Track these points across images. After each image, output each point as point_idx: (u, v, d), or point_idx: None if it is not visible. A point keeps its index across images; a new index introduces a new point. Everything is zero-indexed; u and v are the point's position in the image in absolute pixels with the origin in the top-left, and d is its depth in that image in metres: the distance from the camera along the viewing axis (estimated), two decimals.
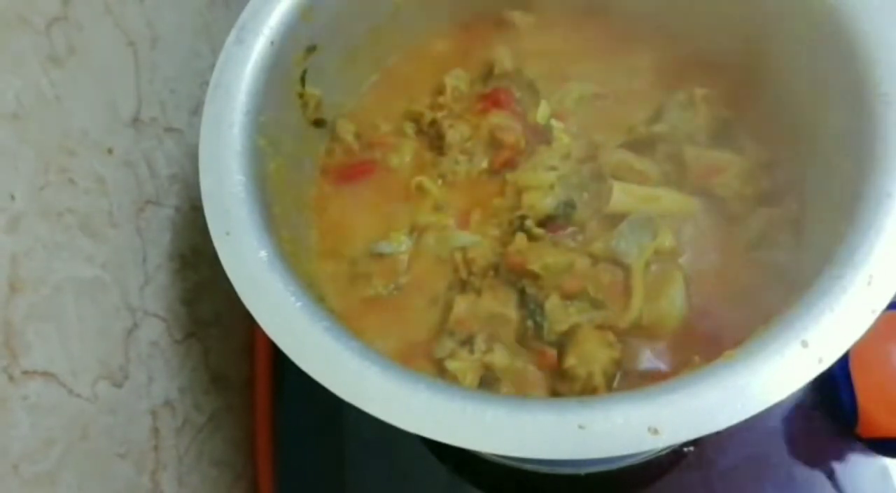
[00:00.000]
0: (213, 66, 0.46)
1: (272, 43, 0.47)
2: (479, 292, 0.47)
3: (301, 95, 0.51)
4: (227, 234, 0.41)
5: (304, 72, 0.51)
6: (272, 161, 0.47)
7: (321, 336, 0.38)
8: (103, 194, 0.44)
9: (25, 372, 0.35)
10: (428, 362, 0.46)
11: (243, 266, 0.40)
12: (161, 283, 0.50)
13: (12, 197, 0.36)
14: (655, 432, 0.33)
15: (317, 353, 0.37)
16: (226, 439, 0.57)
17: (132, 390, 0.45)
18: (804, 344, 0.35)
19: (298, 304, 0.39)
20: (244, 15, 0.47)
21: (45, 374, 0.37)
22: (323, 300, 0.41)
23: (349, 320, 0.41)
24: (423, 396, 0.35)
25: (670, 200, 0.48)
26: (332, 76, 0.54)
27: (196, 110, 0.46)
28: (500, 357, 0.45)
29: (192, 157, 0.44)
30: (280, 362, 0.61)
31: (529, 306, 0.46)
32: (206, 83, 0.46)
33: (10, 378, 0.34)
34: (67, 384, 0.39)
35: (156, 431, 0.47)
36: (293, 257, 0.43)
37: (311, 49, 0.51)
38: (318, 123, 0.54)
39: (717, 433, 0.33)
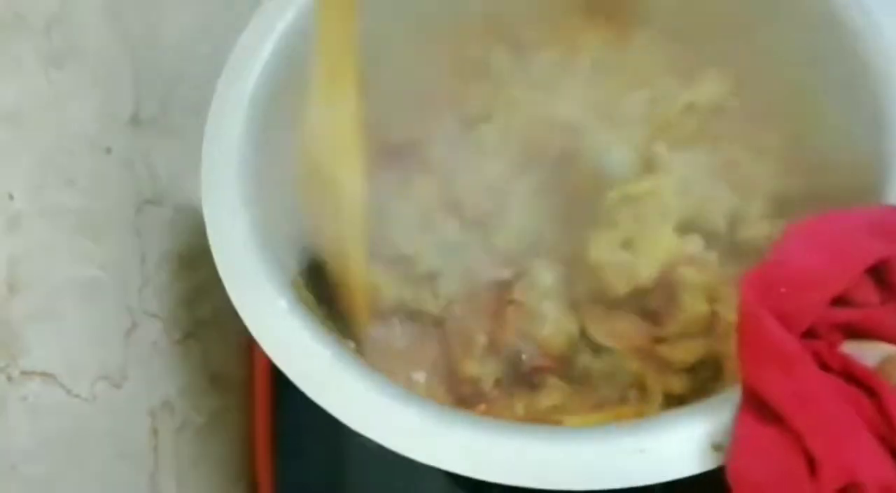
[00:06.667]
0: (213, 66, 0.46)
1: (279, 50, 0.47)
2: (538, 388, 0.45)
3: None
4: (229, 244, 0.41)
5: None
6: (277, 172, 0.46)
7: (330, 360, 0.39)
8: (102, 194, 0.44)
9: (24, 373, 0.35)
10: None
11: (245, 280, 0.40)
12: (160, 283, 0.49)
13: (11, 197, 0.36)
14: (720, 448, 0.31)
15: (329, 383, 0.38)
16: (225, 440, 0.57)
17: (131, 391, 0.45)
18: None
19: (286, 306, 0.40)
20: (254, 20, 0.47)
21: (44, 374, 0.37)
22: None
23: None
24: (462, 434, 0.35)
25: None
26: None
27: (196, 111, 0.46)
28: None
29: (192, 157, 0.44)
30: None
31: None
32: (206, 84, 0.46)
33: (9, 379, 0.34)
34: (66, 385, 0.39)
35: (155, 431, 0.47)
36: None
37: None
38: None
39: None
